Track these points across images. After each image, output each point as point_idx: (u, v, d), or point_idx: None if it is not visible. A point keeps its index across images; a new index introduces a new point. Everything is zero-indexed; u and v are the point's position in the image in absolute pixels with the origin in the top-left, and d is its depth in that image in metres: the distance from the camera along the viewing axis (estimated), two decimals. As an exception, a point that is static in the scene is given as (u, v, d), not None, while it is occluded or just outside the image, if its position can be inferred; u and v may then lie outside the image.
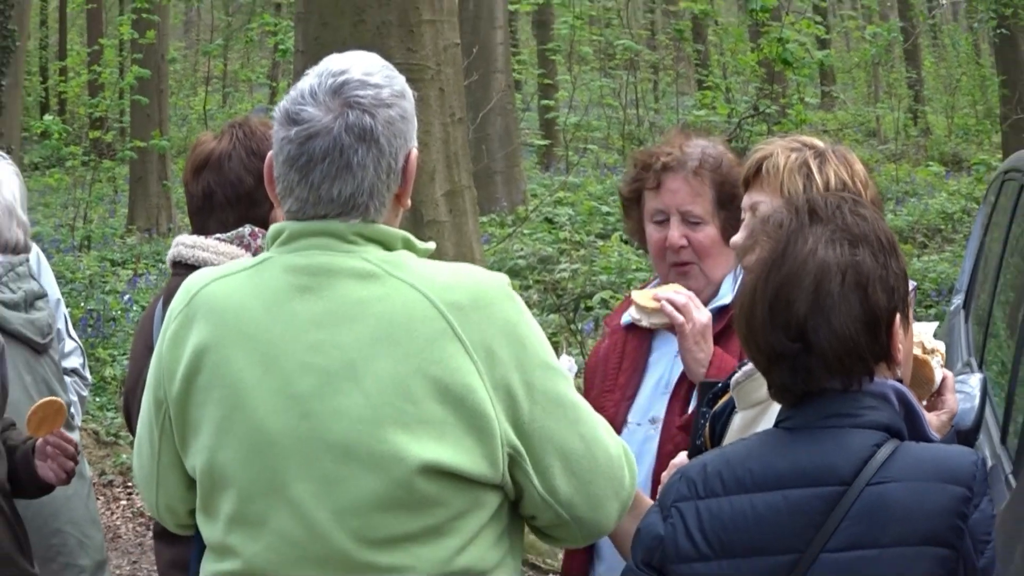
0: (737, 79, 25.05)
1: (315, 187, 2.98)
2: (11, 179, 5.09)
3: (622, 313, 4.40)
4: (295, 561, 2.96)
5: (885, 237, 2.89)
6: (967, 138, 33.42)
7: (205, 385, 3.01)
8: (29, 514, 4.62)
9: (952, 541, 2.72)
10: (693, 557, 2.84)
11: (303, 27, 8.83)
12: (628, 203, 4.41)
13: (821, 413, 2.85)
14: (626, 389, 4.25)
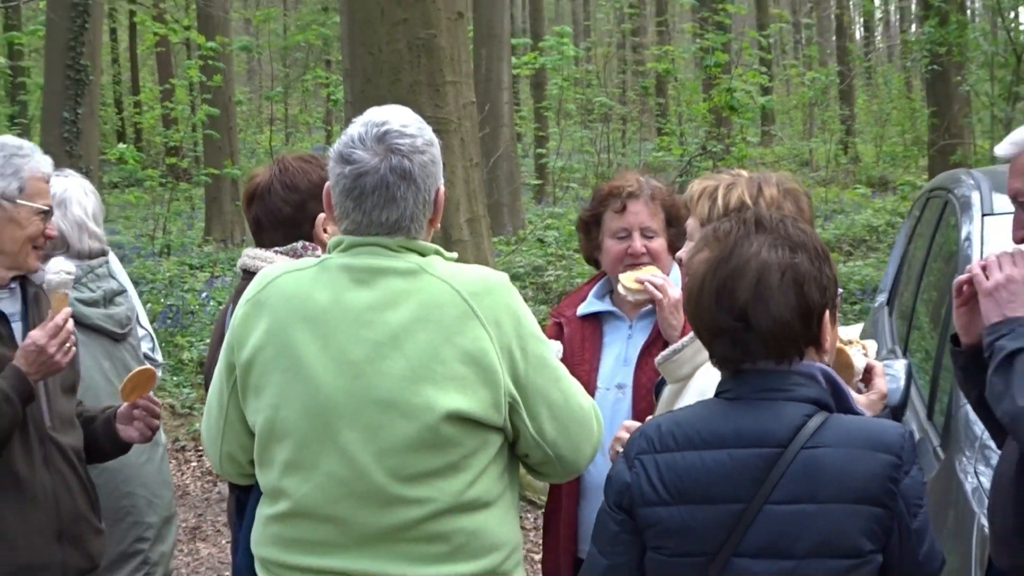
0: (690, 125, 25.31)
1: (367, 213, 3.23)
2: (82, 196, 5.03)
3: (575, 303, 4.64)
4: (338, 498, 3.18)
5: (820, 247, 2.98)
6: (894, 163, 33.32)
7: (271, 356, 3.22)
8: (102, 480, 4.59)
9: (885, 501, 2.79)
10: (655, 502, 2.91)
11: (350, 82, 8.91)
12: (589, 225, 4.59)
13: (757, 387, 2.92)
14: (592, 362, 4.43)
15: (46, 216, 4.07)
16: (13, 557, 3.99)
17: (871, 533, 2.81)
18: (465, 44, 9.19)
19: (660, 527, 2.93)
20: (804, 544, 2.82)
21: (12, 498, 4.00)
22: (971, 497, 4.15)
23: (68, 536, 4.12)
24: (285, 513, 3.29)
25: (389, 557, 3.22)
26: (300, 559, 3.28)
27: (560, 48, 24.05)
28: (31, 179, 4.03)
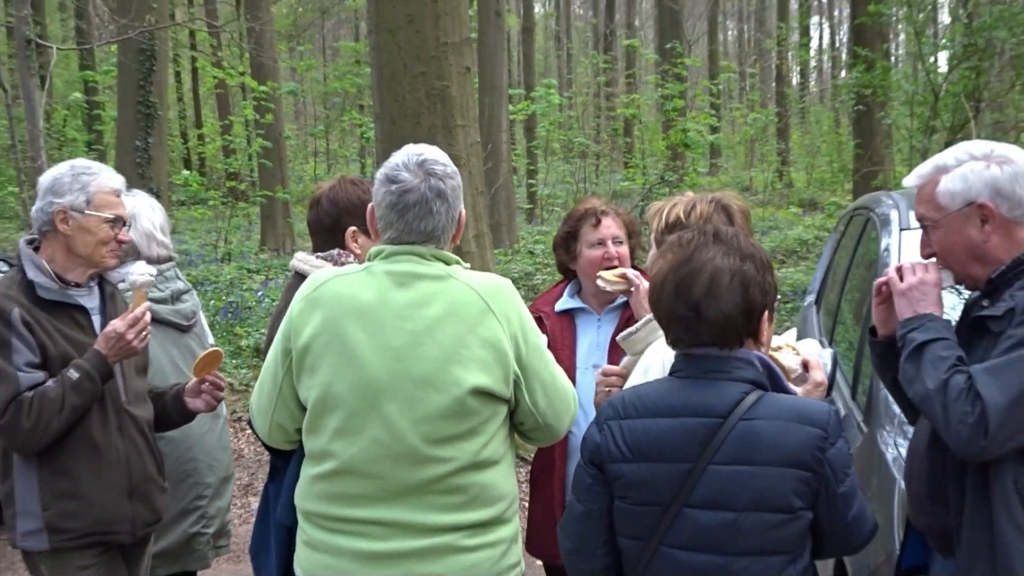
0: (651, 159, 25.40)
1: (409, 223, 3.35)
2: (149, 212, 5.02)
3: (551, 301, 4.74)
4: (379, 458, 3.26)
5: (764, 259, 3.06)
6: (822, 188, 33.39)
7: (325, 343, 3.29)
8: (168, 448, 4.67)
9: (813, 467, 2.84)
10: (620, 459, 3.00)
11: (380, 124, 8.97)
12: (567, 240, 4.66)
13: (704, 368, 2.99)
14: (571, 348, 4.57)
15: (115, 223, 4.10)
16: (90, 511, 4.05)
17: (800, 493, 2.85)
18: (472, 94, 9.21)
19: (624, 480, 3.01)
20: (743, 499, 2.87)
21: (90, 461, 4.06)
22: (892, 465, 4.16)
23: (137, 493, 4.18)
24: (332, 471, 3.34)
25: (418, 507, 3.30)
26: (343, 511, 3.34)
27: (547, 97, 24.22)
28: (98, 193, 4.07)
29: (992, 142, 3.32)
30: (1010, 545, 3.00)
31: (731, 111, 39.33)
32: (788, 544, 2.89)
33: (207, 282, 16.49)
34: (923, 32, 17.29)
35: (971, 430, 2.93)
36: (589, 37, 52.82)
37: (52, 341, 3.98)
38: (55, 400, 3.87)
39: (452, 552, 3.32)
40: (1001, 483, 3.02)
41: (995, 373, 2.95)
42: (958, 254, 3.25)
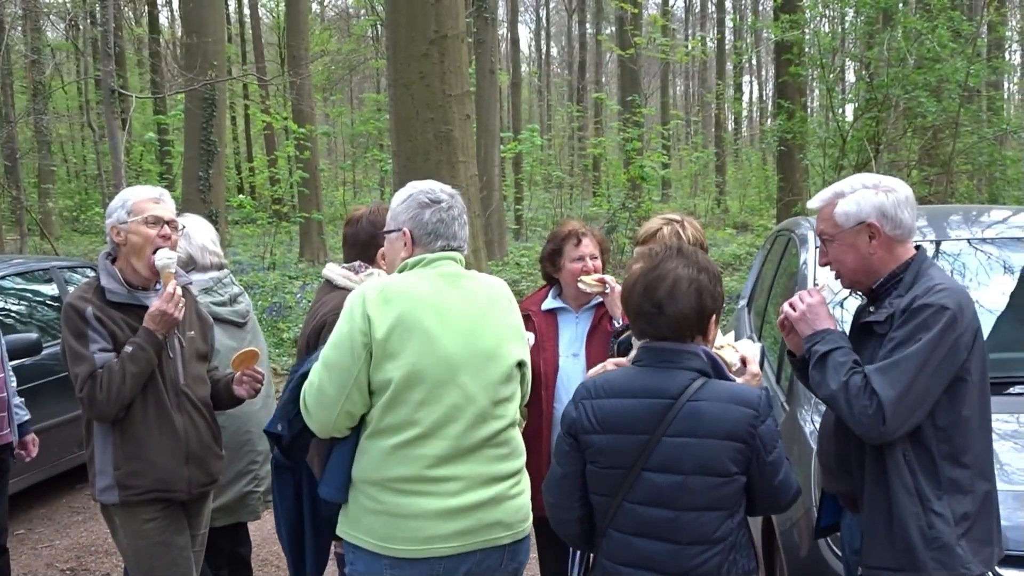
0: (614, 189, 25.45)
1: (456, 232, 3.43)
2: (201, 230, 5.05)
3: (538, 302, 4.74)
4: (455, 421, 3.26)
5: (716, 273, 3.14)
6: (752, 213, 33.50)
7: (405, 331, 3.23)
8: (230, 422, 4.74)
9: (746, 439, 2.92)
10: (591, 431, 3.07)
11: (396, 160, 8.99)
12: (553, 255, 4.67)
13: (660, 358, 3.05)
14: (555, 340, 4.60)
15: (154, 223, 4.07)
16: (153, 472, 4.08)
17: (736, 460, 2.94)
18: (471, 136, 9.19)
19: (594, 448, 3.09)
20: (689, 464, 2.95)
21: (154, 431, 4.08)
22: (809, 438, 4.19)
23: (193, 459, 4.19)
24: (415, 437, 3.26)
25: (480, 460, 3.34)
26: (425, 471, 3.26)
27: (531, 139, 24.25)
28: (135, 203, 4.08)
29: (881, 175, 3.38)
30: (901, 503, 3.07)
31: (679, 151, 39.34)
32: (726, 502, 2.97)
33: (255, 286, 16.57)
34: (833, 89, 17.33)
35: (871, 420, 2.99)
36: (565, 91, 52.86)
37: (122, 332, 4.03)
38: (118, 371, 3.92)
39: (505, 499, 3.38)
40: (893, 455, 3.09)
41: (885, 372, 3.01)
42: (849, 264, 3.29)
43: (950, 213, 6.01)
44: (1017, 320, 4.96)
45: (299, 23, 24.35)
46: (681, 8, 53.46)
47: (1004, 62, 23.99)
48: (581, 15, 43.26)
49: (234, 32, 38.71)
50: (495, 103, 22.26)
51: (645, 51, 29.22)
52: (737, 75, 40.87)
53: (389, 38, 9.18)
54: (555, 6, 54.91)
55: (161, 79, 28.41)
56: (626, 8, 26.05)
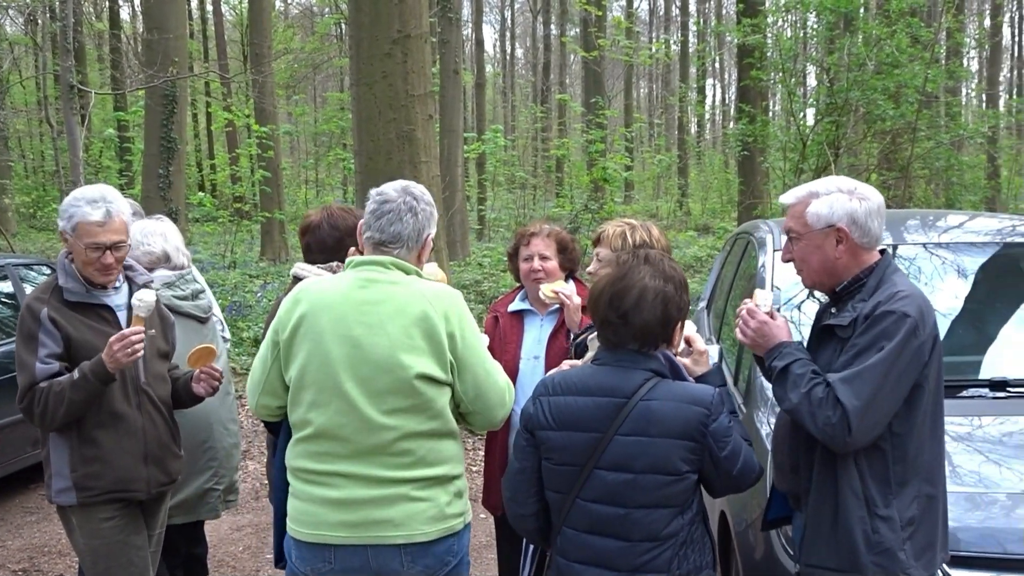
0: (577, 191, 25.50)
1: (382, 226, 3.44)
2: (173, 231, 5.13)
3: (506, 304, 4.76)
4: (342, 424, 3.32)
5: (683, 281, 3.16)
6: (714, 215, 33.70)
7: (304, 332, 3.37)
8: (188, 418, 4.63)
9: (697, 438, 2.96)
10: (546, 427, 3.13)
11: (359, 159, 8.98)
12: (512, 254, 4.73)
13: (616, 359, 3.10)
14: (518, 341, 4.59)
15: (95, 249, 3.98)
16: (111, 473, 4.05)
17: (687, 460, 2.99)
18: (433, 136, 9.23)
19: (548, 444, 3.14)
20: (640, 463, 2.99)
21: (112, 431, 4.06)
22: (765, 439, 4.19)
23: (152, 459, 4.18)
24: (310, 435, 3.40)
25: (373, 464, 3.35)
26: (317, 466, 3.39)
27: (495, 140, 24.26)
28: (79, 224, 3.98)
29: (857, 181, 3.37)
30: (848, 506, 3.10)
31: (642, 153, 39.59)
32: (676, 500, 3.01)
33: (216, 285, 16.46)
34: (794, 93, 17.48)
35: (836, 430, 3.00)
36: (529, 92, 52.87)
37: (78, 333, 3.99)
38: (59, 394, 3.87)
39: (402, 500, 3.35)
40: (844, 459, 3.12)
41: (850, 382, 3.01)
42: (813, 264, 3.30)
43: (907, 218, 6.07)
44: (970, 324, 5.02)
45: (262, 20, 24.20)
46: (645, 11, 53.76)
47: (961, 68, 24.26)
48: (546, 16, 43.28)
49: (196, 28, 38.46)
50: (459, 103, 22.21)
51: (609, 53, 29.29)
52: (700, 78, 41.13)
53: (352, 37, 9.17)
54: (520, 7, 54.94)
55: (121, 75, 28.16)
56: (590, 10, 26.12)
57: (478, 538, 6.61)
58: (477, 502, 5.28)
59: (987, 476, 3.84)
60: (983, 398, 4.29)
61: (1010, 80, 49.87)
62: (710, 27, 37.08)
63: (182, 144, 17.60)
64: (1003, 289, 5.38)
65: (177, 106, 16.96)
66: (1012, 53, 49.58)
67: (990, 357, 4.78)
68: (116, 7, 31.74)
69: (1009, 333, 5.03)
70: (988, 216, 7.18)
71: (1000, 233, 5.69)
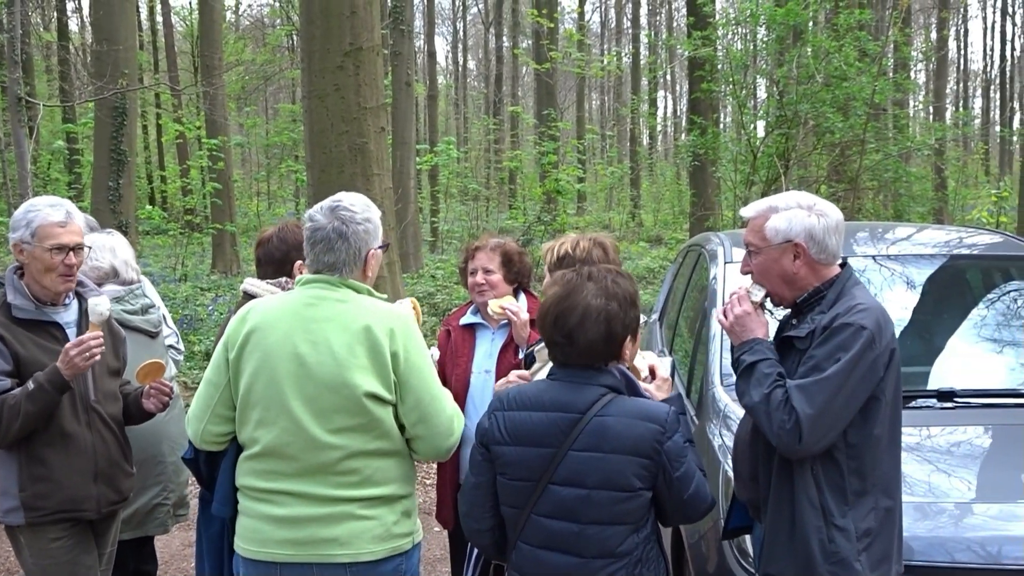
0: (530, 202, 25.56)
1: (317, 256, 3.40)
2: (123, 245, 5.09)
3: (459, 317, 4.76)
4: (289, 443, 3.30)
5: (629, 296, 3.13)
6: (666, 227, 33.88)
7: (251, 349, 3.35)
8: (138, 433, 4.51)
9: (651, 455, 2.96)
10: (500, 442, 3.11)
11: (311, 171, 8.99)
12: (463, 268, 4.73)
13: (571, 374, 3.10)
14: (469, 355, 4.60)
15: (58, 251, 3.94)
16: (60, 492, 4.00)
17: (640, 476, 2.98)
18: (385, 148, 9.23)
19: (503, 460, 3.13)
20: (593, 479, 2.99)
21: (61, 450, 4.00)
22: (717, 451, 4.23)
23: (102, 477, 4.13)
24: (257, 453, 3.39)
25: (319, 483, 3.33)
26: (263, 484, 3.39)
27: (447, 151, 24.27)
28: (40, 227, 3.93)
29: (816, 197, 3.40)
30: (805, 516, 3.12)
31: (594, 165, 39.72)
32: (631, 517, 3.01)
33: (166, 298, 16.33)
34: (744, 105, 17.63)
35: (788, 435, 3.03)
36: (481, 104, 52.96)
37: (26, 351, 3.92)
38: (14, 407, 3.80)
39: (347, 519, 3.33)
40: (802, 469, 3.13)
41: (804, 390, 3.04)
42: (771, 277, 3.32)
43: (857, 230, 6.13)
44: (918, 335, 5.09)
45: (213, 32, 24.06)
46: (597, 23, 54.02)
47: (908, 81, 24.59)
48: (498, 28, 43.40)
49: (146, 40, 38.08)
50: (411, 115, 22.27)
51: (561, 65, 29.46)
52: (652, 90, 41.43)
53: (304, 50, 9.16)
54: (472, 19, 55.07)
55: (70, 87, 27.83)
56: (542, 23, 26.23)
57: (432, 551, 6.59)
58: (431, 515, 5.27)
59: (936, 486, 3.88)
60: (931, 408, 4.35)
61: (956, 92, 50.73)
62: (661, 40, 37.30)
63: (132, 156, 17.45)
64: (950, 300, 5.46)
65: (127, 118, 16.82)
66: (958, 66, 50.46)
67: (938, 368, 4.85)
68: (64, 18, 31.42)
69: (956, 344, 5.11)
70: (936, 228, 7.29)
71: (947, 245, 5.78)
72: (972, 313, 5.36)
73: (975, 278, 5.69)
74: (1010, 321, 5.17)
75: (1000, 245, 5.82)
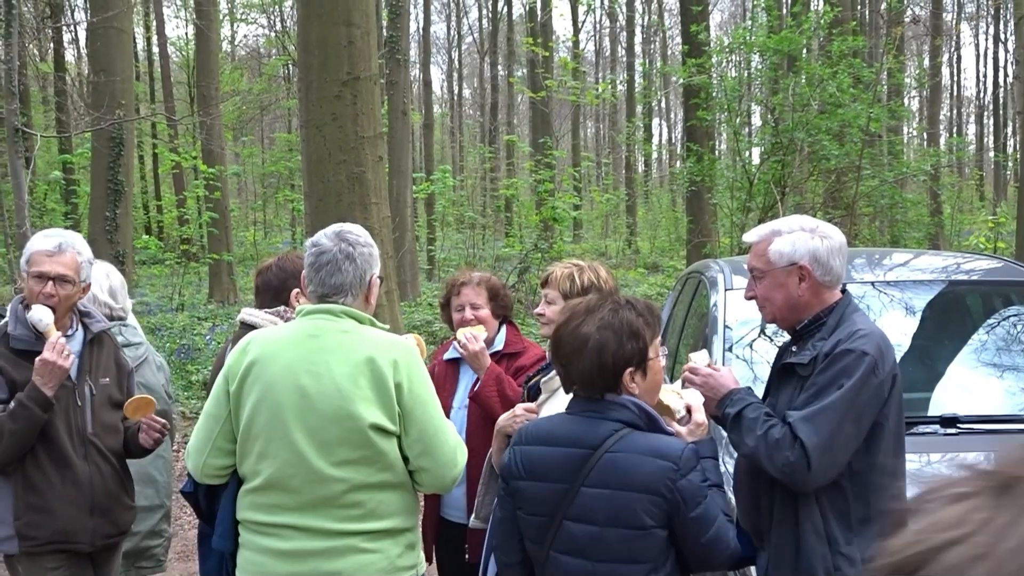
0: (527, 230, 25.59)
1: (323, 279, 3.37)
2: (102, 279, 4.85)
3: (443, 353, 4.75)
4: (292, 476, 3.27)
5: (628, 327, 3.05)
6: (663, 254, 33.93)
7: (252, 381, 3.31)
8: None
9: (663, 492, 2.87)
10: (518, 477, 3.09)
11: (309, 201, 8.98)
12: (444, 305, 4.73)
13: (584, 408, 3.05)
14: (451, 390, 4.55)
15: (38, 279, 3.95)
16: (53, 523, 3.99)
17: (651, 514, 2.89)
18: (383, 177, 9.25)
19: (520, 495, 3.10)
20: (603, 516, 2.93)
21: (57, 481, 3.99)
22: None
23: (98, 510, 4.10)
24: (259, 486, 3.36)
25: (323, 516, 3.30)
26: (266, 517, 3.36)
27: (443, 180, 24.27)
28: (32, 254, 3.98)
29: (819, 220, 3.41)
30: (810, 544, 3.10)
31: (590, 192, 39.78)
32: (646, 555, 2.94)
33: (163, 328, 16.35)
34: (740, 133, 17.68)
35: (794, 469, 3.01)
36: (477, 132, 53.11)
37: (23, 380, 3.91)
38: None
39: (351, 552, 3.31)
40: (806, 497, 3.12)
41: (810, 420, 3.02)
42: (776, 301, 3.32)
43: (854, 256, 6.13)
44: (918, 361, 5.09)
45: (209, 62, 24.16)
46: (591, 52, 54.24)
47: (902, 107, 24.69)
48: (493, 57, 43.57)
49: (142, 70, 38.18)
50: (407, 144, 22.31)
51: (556, 94, 29.55)
52: (646, 118, 41.48)
53: (301, 79, 9.18)
54: (467, 48, 55.29)
55: (67, 117, 27.90)
56: (537, 51, 26.39)
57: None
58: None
59: (940, 512, 3.85)
60: (935, 435, 4.34)
61: (950, 119, 50.92)
62: (655, 68, 37.45)
63: (128, 186, 17.49)
64: (950, 326, 5.46)
65: (124, 148, 16.84)
66: (951, 93, 50.68)
67: (939, 394, 4.85)
68: (61, 49, 31.49)
69: (957, 370, 5.10)
70: (933, 254, 7.32)
71: (946, 271, 5.78)
72: (972, 338, 5.36)
73: (975, 303, 5.69)
74: (1011, 346, 5.17)
75: (999, 270, 5.82)
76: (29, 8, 24.88)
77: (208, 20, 24.67)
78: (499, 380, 4.30)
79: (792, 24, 16.67)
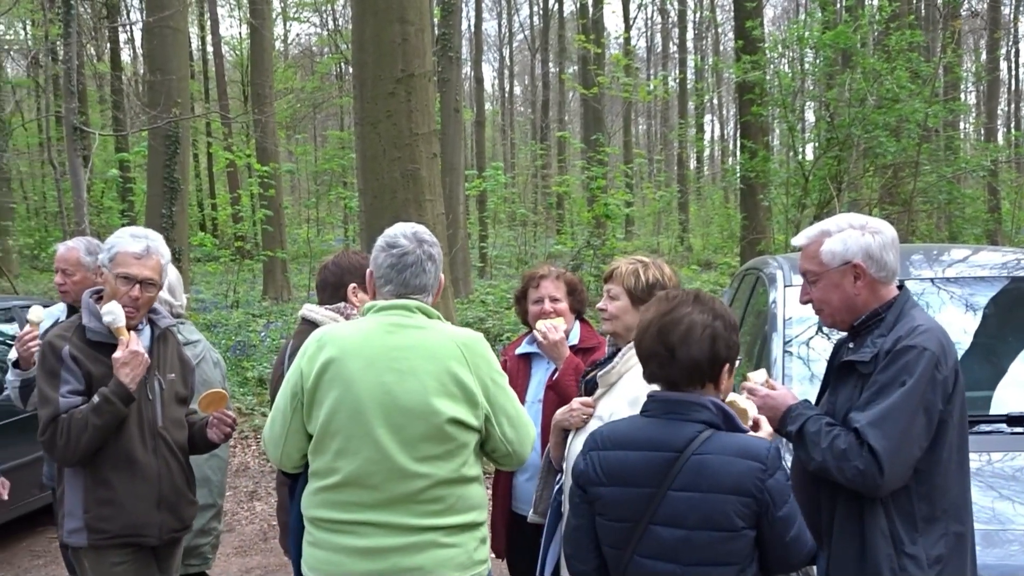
0: (579, 227, 25.53)
1: (407, 280, 3.41)
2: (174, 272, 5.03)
3: (515, 348, 4.76)
4: (373, 473, 3.26)
5: (732, 321, 3.05)
6: (715, 251, 33.78)
7: (330, 380, 3.30)
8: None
9: (753, 493, 2.82)
10: (597, 483, 3.03)
11: (363, 198, 8.93)
12: (520, 297, 4.74)
13: (665, 410, 3.00)
14: (524, 385, 4.57)
15: (125, 281, 4.04)
16: (122, 517, 4.02)
17: (742, 515, 2.84)
18: (438, 174, 9.21)
19: (601, 501, 3.03)
20: (693, 519, 2.87)
21: (127, 475, 4.03)
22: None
23: (166, 504, 4.15)
24: (336, 484, 3.32)
25: (403, 512, 3.28)
26: (343, 515, 3.33)
27: (495, 177, 24.34)
28: (118, 254, 4.06)
29: (867, 216, 3.36)
30: (875, 544, 3.06)
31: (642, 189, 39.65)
32: (736, 556, 2.89)
33: (219, 325, 16.53)
34: (795, 128, 17.53)
35: (866, 476, 2.98)
36: (528, 129, 53.18)
37: (99, 372, 3.97)
38: (81, 420, 3.86)
39: (430, 547, 3.29)
40: (871, 498, 3.07)
41: (877, 425, 2.99)
42: (833, 303, 3.29)
43: (912, 252, 6.06)
44: (981, 358, 5.01)
45: (263, 60, 24.38)
46: (643, 48, 54.06)
47: (960, 103, 24.36)
48: (544, 54, 43.59)
49: (197, 69, 38.64)
50: (460, 141, 22.34)
51: (608, 90, 29.43)
52: (699, 114, 41.28)
53: (356, 77, 9.20)
54: (518, 45, 55.35)
55: (124, 116, 28.29)
56: (589, 48, 26.31)
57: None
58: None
59: (1003, 512, 3.81)
60: (1001, 433, 4.28)
61: (1007, 113, 50.13)
62: (708, 64, 37.21)
63: (184, 184, 17.69)
64: (1013, 323, 5.37)
65: (180, 147, 17.03)
66: (1009, 87, 49.85)
67: (1004, 391, 4.76)
68: (118, 48, 31.94)
69: (1020, 368, 5.02)
70: (992, 250, 7.20)
71: (1006, 267, 5.68)
72: (1036, 336, 5.28)
73: (1038, 301, 5.60)
74: (1077, 344, 5.08)
75: (1062, 267, 5.72)
76: (86, 9, 25.29)
77: (262, 19, 24.91)
78: (578, 370, 4.29)
79: (848, 19, 16.46)
